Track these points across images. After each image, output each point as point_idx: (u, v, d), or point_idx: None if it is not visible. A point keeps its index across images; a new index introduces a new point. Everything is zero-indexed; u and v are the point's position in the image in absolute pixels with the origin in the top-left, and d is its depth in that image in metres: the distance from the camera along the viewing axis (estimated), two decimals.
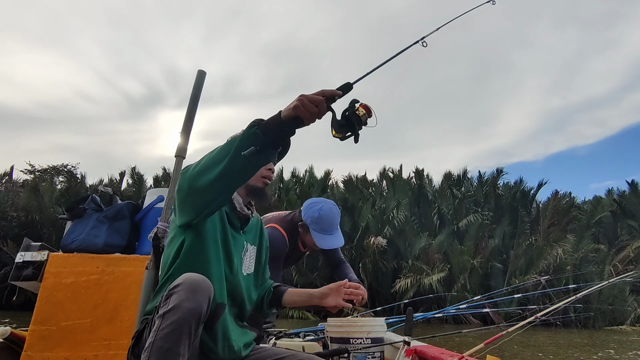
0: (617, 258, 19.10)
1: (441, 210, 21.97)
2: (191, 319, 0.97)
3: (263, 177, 1.44)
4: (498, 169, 23.40)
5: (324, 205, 2.28)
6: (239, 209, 1.41)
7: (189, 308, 0.97)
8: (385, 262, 19.50)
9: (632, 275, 3.81)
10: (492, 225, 20.41)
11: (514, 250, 19.26)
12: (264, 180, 1.44)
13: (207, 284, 1.04)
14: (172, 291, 1.01)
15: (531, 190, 22.14)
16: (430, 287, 17.45)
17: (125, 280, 2.19)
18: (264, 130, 1.03)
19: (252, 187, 1.43)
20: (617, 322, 17.09)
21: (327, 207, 2.28)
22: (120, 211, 2.39)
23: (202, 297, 1.00)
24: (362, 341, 2.17)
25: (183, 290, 0.99)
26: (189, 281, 1.02)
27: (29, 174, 23.75)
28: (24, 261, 2.12)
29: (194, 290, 1.00)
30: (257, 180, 1.43)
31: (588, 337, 11.11)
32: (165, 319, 0.97)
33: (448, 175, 23.85)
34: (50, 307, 2.07)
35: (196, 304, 0.98)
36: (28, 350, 1.99)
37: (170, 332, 0.95)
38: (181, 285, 1.01)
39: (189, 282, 1.01)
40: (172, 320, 0.96)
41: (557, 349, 7.18)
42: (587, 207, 23.70)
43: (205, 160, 1.13)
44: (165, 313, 0.97)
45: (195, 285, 1.01)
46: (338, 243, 2.27)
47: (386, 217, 20.75)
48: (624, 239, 20.98)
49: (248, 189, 1.44)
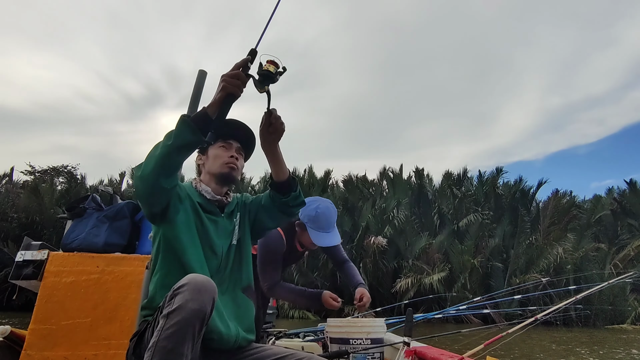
0: (618, 257, 19.10)
1: (441, 209, 21.96)
2: (195, 320, 0.97)
3: (226, 163, 1.48)
4: (498, 168, 23.43)
5: (320, 204, 2.28)
6: (210, 197, 1.46)
7: (193, 309, 0.97)
8: (386, 261, 19.51)
9: (632, 276, 3.80)
10: (492, 225, 20.41)
11: (514, 250, 19.26)
12: (227, 166, 1.48)
13: (212, 285, 1.05)
14: (177, 291, 1.01)
15: (531, 190, 22.15)
16: (431, 286, 17.45)
17: (126, 280, 2.18)
18: (194, 120, 1.20)
19: (218, 174, 1.48)
20: (617, 321, 17.10)
21: (324, 205, 2.29)
22: (121, 211, 2.38)
23: (206, 298, 1.01)
24: (362, 342, 2.17)
25: (188, 291, 1.00)
26: (194, 282, 1.02)
27: (29, 175, 23.85)
28: (24, 260, 2.12)
29: (198, 291, 1.00)
30: (221, 167, 1.48)
31: (588, 336, 11.11)
32: (170, 319, 0.97)
33: (448, 174, 23.84)
34: (51, 306, 2.06)
35: (200, 305, 0.99)
36: (28, 349, 1.99)
37: (174, 332, 0.95)
38: (186, 285, 1.01)
39: (194, 283, 1.02)
40: (176, 321, 0.96)
41: (557, 347, 7.17)
42: (587, 206, 23.68)
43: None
44: (170, 313, 0.98)
45: (200, 286, 1.01)
46: (335, 241, 2.28)
47: (386, 217, 20.76)
48: (625, 238, 20.98)
49: (215, 177, 1.49)
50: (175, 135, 1.18)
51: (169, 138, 1.19)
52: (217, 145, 1.51)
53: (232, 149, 1.51)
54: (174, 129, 1.19)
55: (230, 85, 1.17)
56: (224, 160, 1.48)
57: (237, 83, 1.18)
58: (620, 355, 6.94)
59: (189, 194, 1.42)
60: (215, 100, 1.20)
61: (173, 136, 1.18)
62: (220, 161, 1.48)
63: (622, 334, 13.02)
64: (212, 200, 1.46)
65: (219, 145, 1.50)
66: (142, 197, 1.27)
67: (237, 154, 1.51)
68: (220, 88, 1.18)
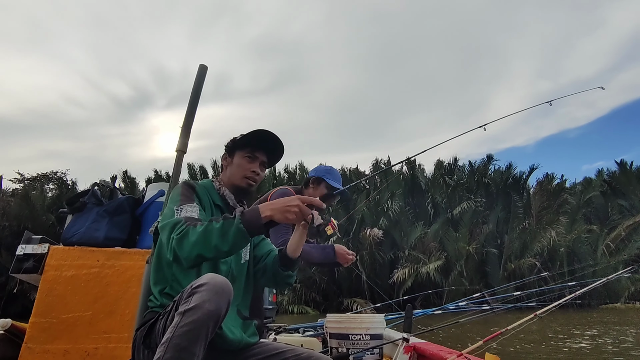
0: (609, 237, 19.41)
1: (435, 199, 22.12)
2: (210, 320, 0.98)
3: (246, 177, 1.46)
4: (488, 156, 23.62)
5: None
6: (232, 204, 1.46)
7: (210, 310, 0.97)
8: (382, 253, 19.63)
9: (630, 271, 3.92)
10: (485, 212, 20.62)
11: (508, 235, 19.50)
12: (247, 181, 1.47)
13: (229, 287, 1.05)
14: (196, 290, 1.01)
15: (523, 175, 22.38)
16: (428, 275, 17.62)
17: (126, 274, 2.19)
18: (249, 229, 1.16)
19: (237, 186, 1.47)
20: (611, 300, 17.42)
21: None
22: (121, 205, 2.38)
23: (223, 300, 1.01)
24: (361, 337, 2.19)
25: (206, 291, 1.00)
26: (213, 282, 1.02)
27: (18, 182, 23.50)
28: (25, 254, 2.12)
29: (216, 292, 1.00)
30: (240, 180, 1.46)
31: (585, 319, 11.26)
32: (186, 317, 0.97)
33: (440, 164, 23.98)
34: (51, 299, 2.07)
35: (217, 306, 0.99)
36: (28, 342, 1.99)
37: (189, 330, 0.96)
38: (205, 285, 1.01)
39: (213, 284, 1.02)
40: (192, 320, 0.96)
41: (555, 334, 7.27)
42: (578, 188, 23.99)
43: (197, 238, 1.15)
44: (186, 311, 0.98)
45: (218, 288, 1.01)
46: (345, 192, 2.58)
47: (381, 209, 20.86)
48: (615, 219, 21.32)
49: (234, 187, 1.48)
50: (233, 245, 1.14)
51: (224, 241, 1.13)
52: (243, 153, 1.48)
53: (257, 162, 1.49)
54: (231, 235, 1.13)
55: (297, 216, 1.18)
56: (245, 174, 1.46)
57: (303, 217, 1.20)
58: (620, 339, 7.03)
59: (210, 194, 1.42)
60: (273, 217, 1.17)
61: (230, 244, 1.14)
62: (241, 173, 1.46)
63: (615, 314, 13.22)
64: (232, 208, 1.45)
65: (246, 154, 1.48)
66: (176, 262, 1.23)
67: (260, 168, 1.49)
68: (288, 212, 1.17)
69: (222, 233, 1.13)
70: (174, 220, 1.21)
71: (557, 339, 6.86)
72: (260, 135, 1.47)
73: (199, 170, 23.31)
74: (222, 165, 1.56)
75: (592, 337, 7.03)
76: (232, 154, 1.51)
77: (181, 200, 1.29)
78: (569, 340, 6.74)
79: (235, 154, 1.50)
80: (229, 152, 1.53)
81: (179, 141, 1.76)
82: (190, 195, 1.34)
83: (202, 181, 1.48)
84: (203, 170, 23.37)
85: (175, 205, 1.27)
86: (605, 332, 7.94)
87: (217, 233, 1.13)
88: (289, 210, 1.17)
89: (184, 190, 1.35)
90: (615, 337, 6.88)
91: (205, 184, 1.46)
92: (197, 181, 1.45)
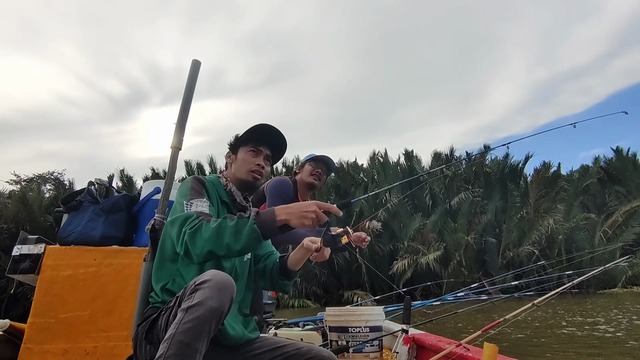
0: (607, 224, 19.51)
1: (433, 190, 22.15)
2: (213, 317, 0.98)
3: (252, 171, 1.46)
4: (485, 146, 23.60)
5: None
6: (239, 200, 1.45)
7: (213, 307, 0.98)
8: (382, 245, 19.70)
9: (627, 260, 3.94)
10: (483, 202, 20.67)
11: (506, 224, 19.56)
12: (252, 175, 1.47)
13: (232, 284, 1.05)
14: (199, 286, 1.01)
15: (519, 164, 22.41)
16: (427, 266, 17.69)
17: (123, 272, 2.19)
18: (263, 231, 1.14)
19: (243, 180, 1.47)
20: (609, 285, 17.55)
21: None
22: (117, 203, 2.37)
23: (226, 297, 1.01)
24: (361, 330, 2.19)
25: (209, 288, 1.00)
26: (217, 279, 1.02)
27: (14, 184, 23.41)
28: (21, 254, 2.11)
29: (219, 289, 1.00)
30: (246, 174, 1.46)
31: (583, 306, 11.35)
32: (189, 313, 0.97)
33: (437, 155, 23.97)
34: (49, 299, 2.06)
35: (220, 303, 0.99)
36: (27, 342, 1.99)
37: (192, 327, 0.96)
38: (208, 282, 1.01)
39: (216, 281, 1.02)
40: (195, 316, 0.96)
41: (553, 325, 7.32)
42: (575, 176, 24.06)
43: (209, 235, 1.13)
44: (190, 307, 0.98)
45: (221, 284, 1.01)
46: (331, 162, 2.74)
47: (379, 201, 20.88)
48: (612, 205, 21.43)
49: (240, 182, 1.48)
50: (245, 245, 1.13)
51: (236, 240, 1.12)
52: (247, 148, 1.49)
53: (261, 156, 1.49)
54: (244, 234, 1.12)
55: (314, 221, 1.16)
56: (250, 167, 1.46)
57: (318, 221, 1.18)
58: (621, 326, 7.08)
59: (217, 190, 1.42)
60: (289, 221, 1.15)
61: (242, 244, 1.12)
62: (246, 167, 1.46)
63: (613, 299, 13.33)
64: (239, 204, 1.46)
65: (249, 149, 1.48)
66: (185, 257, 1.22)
67: (264, 162, 1.50)
68: (305, 218, 1.15)
69: (235, 231, 1.13)
70: (186, 215, 1.20)
71: (556, 327, 6.91)
72: (263, 129, 1.48)
73: (196, 167, 23.24)
74: (226, 164, 1.56)
75: (592, 323, 7.09)
76: (236, 151, 1.52)
77: (191, 195, 1.29)
78: (568, 327, 6.79)
79: (239, 150, 1.50)
80: (233, 149, 1.53)
81: (173, 137, 1.74)
82: (200, 189, 1.34)
83: (209, 176, 1.48)
84: (200, 167, 23.31)
85: (185, 200, 1.26)
86: (604, 318, 8.00)
87: (230, 231, 1.12)
88: (305, 216, 1.15)
89: (193, 185, 1.34)
90: (616, 324, 6.92)
91: (213, 179, 1.46)
92: (205, 176, 1.45)
